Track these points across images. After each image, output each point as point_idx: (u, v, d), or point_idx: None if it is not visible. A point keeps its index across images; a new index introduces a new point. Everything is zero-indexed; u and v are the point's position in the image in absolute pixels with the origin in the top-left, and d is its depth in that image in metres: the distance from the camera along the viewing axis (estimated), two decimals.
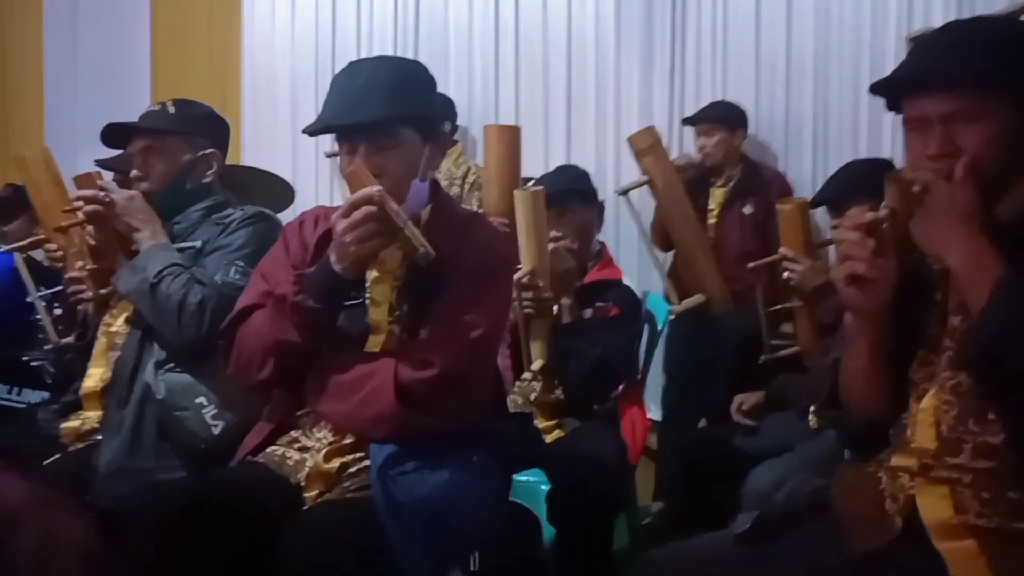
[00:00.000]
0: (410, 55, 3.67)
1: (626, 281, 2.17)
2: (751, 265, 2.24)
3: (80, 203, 1.70)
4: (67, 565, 1.06)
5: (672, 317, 2.71)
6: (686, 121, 3.18)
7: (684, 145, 3.31)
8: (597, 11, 3.53)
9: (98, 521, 1.48)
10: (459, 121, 3.49)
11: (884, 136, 3.10)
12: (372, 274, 1.41)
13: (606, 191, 3.29)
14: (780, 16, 3.28)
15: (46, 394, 2.26)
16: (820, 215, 2.47)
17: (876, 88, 1.17)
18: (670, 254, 3.05)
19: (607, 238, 3.05)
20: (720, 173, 3.06)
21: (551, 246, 1.91)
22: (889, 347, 1.16)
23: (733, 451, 2.16)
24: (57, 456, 1.66)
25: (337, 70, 1.46)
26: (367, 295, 1.41)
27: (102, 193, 1.69)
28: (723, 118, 3.05)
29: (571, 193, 2.12)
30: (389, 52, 3.72)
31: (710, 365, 2.78)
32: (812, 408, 1.97)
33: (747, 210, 2.99)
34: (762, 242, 2.80)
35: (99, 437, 1.65)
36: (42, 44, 4.37)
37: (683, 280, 2.85)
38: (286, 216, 2.10)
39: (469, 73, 3.69)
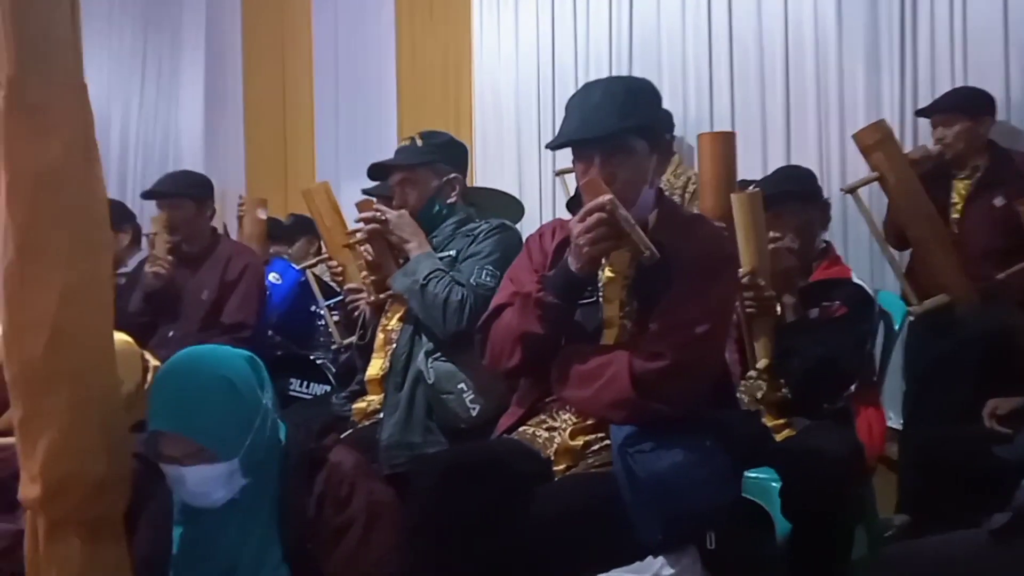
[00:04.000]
0: (624, 70, 3.81)
1: (855, 279, 2.12)
2: (1000, 276, 2.12)
3: (361, 224, 2.05)
4: (385, 521, 1.32)
5: (911, 319, 2.58)
6: (920, 112, 2.99)
7: (920, 137, 3.12)
8: (816, 4, 3.42)
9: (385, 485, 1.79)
10: (675, 131, 3.56)
11: None
12: (605, 275, 1.57)
13: (831, 189, 3.20)
14: None
15: (327, 387, 2.68)
16: None
17: None
18: (906, 253, 2.89)
19: (836, 237, 2.96)
20: (963, 165, 2.84)
21: (771, 246, 1.93)
22: None
23: (985, 459, 2.02)
24: (349, 432, 1.97)
25: (556, 92, 1.62)
26: (600, 294, 1.57)
27: (378, 214, 2.03)
28: (964, 106, 2.83)
29: (788, 194, 2.11)
30: (604, 69, 3.88)
31: (956, 368, 2.58)
32: None
33: (998, 202, 2.74)
34: (1015, 236, 2.57)
35: (381, 416, 1.95)
36: (312, 95, 5.13)
37: (921, 279, 2.69)
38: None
39: (683, 83, 3.74)
